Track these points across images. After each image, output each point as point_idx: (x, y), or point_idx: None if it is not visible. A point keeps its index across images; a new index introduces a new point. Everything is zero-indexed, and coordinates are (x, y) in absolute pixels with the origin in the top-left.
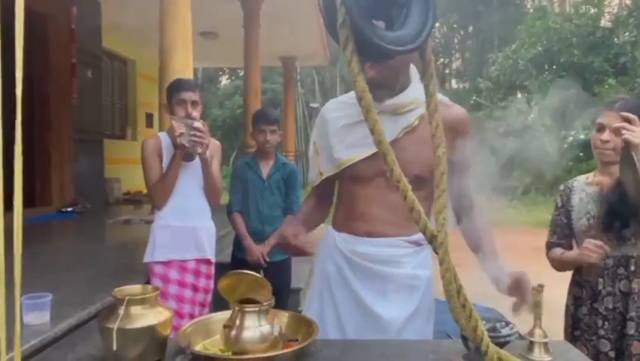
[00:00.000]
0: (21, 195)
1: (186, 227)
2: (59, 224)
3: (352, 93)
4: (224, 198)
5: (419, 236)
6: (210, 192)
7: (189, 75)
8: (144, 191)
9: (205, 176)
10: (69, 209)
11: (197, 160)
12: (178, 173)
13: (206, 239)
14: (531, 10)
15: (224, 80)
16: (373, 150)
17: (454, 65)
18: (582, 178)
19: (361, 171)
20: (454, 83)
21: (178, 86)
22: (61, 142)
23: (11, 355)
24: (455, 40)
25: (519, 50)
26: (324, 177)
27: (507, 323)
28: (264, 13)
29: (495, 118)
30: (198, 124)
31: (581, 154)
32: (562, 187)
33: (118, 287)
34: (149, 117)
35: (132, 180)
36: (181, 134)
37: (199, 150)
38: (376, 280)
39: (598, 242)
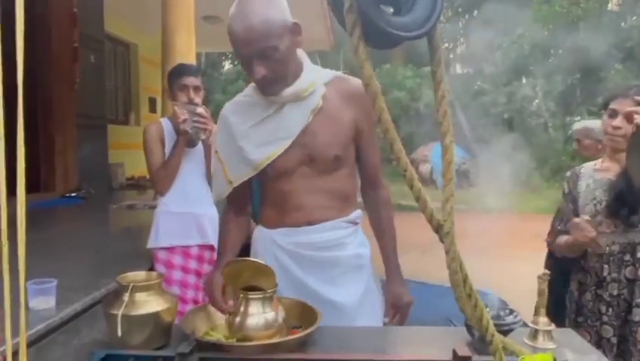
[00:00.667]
0: (24, 179)
1: (189, 213)
2: (63, 210)
3: (248, 91)
4: None
5: (355, 215)
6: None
7: (192, 59)
8: (148, 176)
9: (208, 162)
10: (73, 194)
11: (200, 146)
12: (181, 159)
13: (209, 225)
14: None
15: (227, 65)
16: (288, 142)
17: (458, 50)
18: (590, 165)
19: (282, 166)
20: (458, 68)
21: (179, 71)
22: (64, 127)
23: (17, 340)
24: (460, 25)
25: (525, 35)
26: (235, 185)
27: (511, 311)
28: None
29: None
30: (201, 110)
31: None
32: (568, 173)
33: (122, 273)
34: (152, 102)
35: (136, 165)
36: (184, 120)
37: (202, 137)
38: (323, 267)
39: (586, 218)
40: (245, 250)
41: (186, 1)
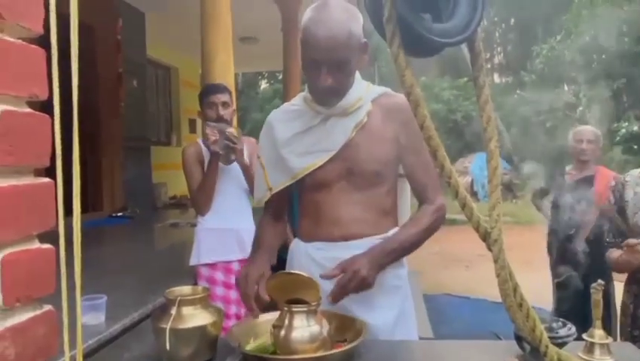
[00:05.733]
0: (79, 200)
1: (228, 229)
2: (110, 229)
3: (296, 100)
4: None
5: (394, 232)
6: (251, 188)
7: (230, 80)
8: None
9: (246, 178)
10: (120, 214)
11: (234, 164)
12: (216, 178)
13: (248, 240)
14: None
15: (263, 84)
16: (329, 155)
17: (496, 60)
18: (636, 172)
19: (321, 178)
20: (496, 78)
21: (207, 90)
22: (110, 150)
23: (74, 352)
24: (497, 34)
25: (565, 41)
26: (273, 192)
27: (565, 323)
28: (302, 16)
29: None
30: (230, 130)
31: (635, 147)
32: (613, 183)
33: (168, 289)
34: (192, 123)
35: (178, 184)
36: (215, 141)
37: (233, 158)
38: None
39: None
40: (282, 265)
41: (224, 24)
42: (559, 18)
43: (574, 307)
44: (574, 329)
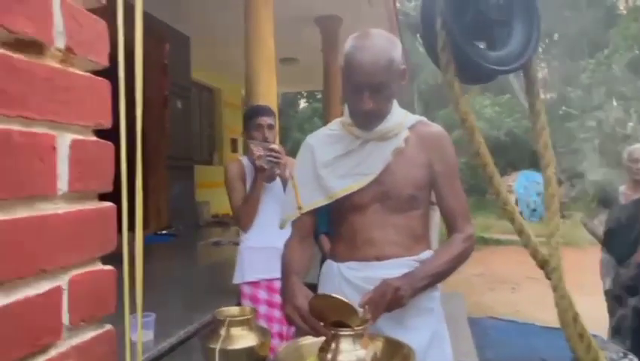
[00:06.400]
0: (142, 216)
1: (271, 247)
2: (155, 246)
3: (334, 125)
4: None
5: (426, 255)
6: None
7: (272, 100)
8: (231, 213)
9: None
10: (164, 232)
11: (278, 181)
12: (260, 194)
13: None
14: (625, 12)
15: (302, 104)
16: (369, 178)
17: (540, 75)
18: None
19: (357, 200)
20: (541, 94)
21: (253, 112)
22: (156, 169)
23: None
24: (540, 50)
25: (613, 55)
26: (303, 211)
27: (625, 354)
28: (342, 36)
29: (588, 128)
30: (274, 146)
31: None
32: None
33: (212, 308)
34: (234, 142)
35: (220, 203)
36: (259, 156)
37: (277, 171)
38: None
39: None
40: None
41: (267, 46)
42: (606, 32)
43: (631, 332)
44: (635, 359)
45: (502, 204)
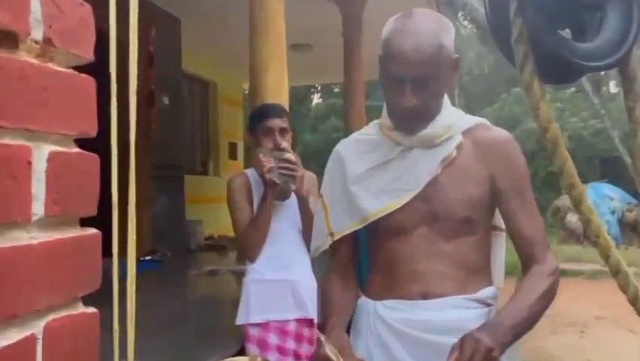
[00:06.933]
0: (134, 243)
1: (284, 281)
2: (137, 275)
3: (369, 129)
4: None
5: (486, 293)
6: (310, 234)
7: (284, 96)
8: (230, 234)
9: (303, 216)
10: (147, 258)
11: (292, 199)
12: (271, 215)
13: (308, 295)
14: None
15: (316, 99)
16: (410, 195)
17: None
18: None
19: (398, 222)
20: (612, 87)
21: (263, 112)
22: (139, 181)
23: None
24: None
25: None
26: (335, 238)
27: None
28: (367, 18)
29: None
30: (289, 155)
31: None
32: None
33: (211, 355)
34: (232, 147)
35: (216, 222)
36: (270, 169)
37: (292, 186)
38: (439, 356)
39: None
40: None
41: (277, 30)
42: None
43: None
44: None
45: (594, 236)
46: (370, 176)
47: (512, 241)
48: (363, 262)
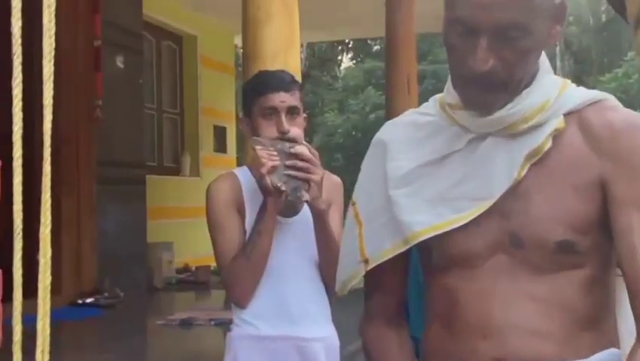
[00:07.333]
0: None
1: (288, 338)
2: (72, 326)
3: (428, 107)
4: None
5: (606, 357)
6: (330, 268)
7: (294, 61)
8: (212, 265)
9: (320, 240)
10: (89, 300)
11: (304, 215)
12: (272, 239)
13: (325, 358)
14: None
15: (346, 62)
16: (481, 206)
17: None
18: None
19: (463, 247)
20: None
21: (262, 84)
22: (77, 184)
23: None
24: None
25: None
26: (371, 266)
27: None
28: None
29: None
30: (301, 149)
31: None
32: None
33: None
34: (219, 133)
35: (192, 245)
36: (272, 169)
37: (305, 197)
38: None
39: None
40: None
41: None
42: None
43: None
44: None
45: None
46: (423, 176)
47: (623, 277)
48: (413, 304)
